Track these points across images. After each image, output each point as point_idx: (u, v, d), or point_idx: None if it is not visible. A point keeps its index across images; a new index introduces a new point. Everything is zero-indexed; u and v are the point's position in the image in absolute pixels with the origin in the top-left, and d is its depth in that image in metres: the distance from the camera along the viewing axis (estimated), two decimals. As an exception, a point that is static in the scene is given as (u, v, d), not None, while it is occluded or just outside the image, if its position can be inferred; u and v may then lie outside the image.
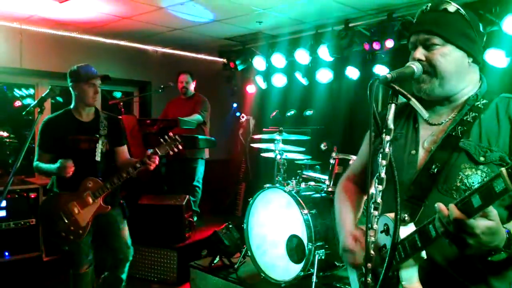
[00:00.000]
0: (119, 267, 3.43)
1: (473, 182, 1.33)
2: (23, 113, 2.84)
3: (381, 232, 1.46)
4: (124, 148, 3.45)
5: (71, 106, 3.28)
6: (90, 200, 3.14)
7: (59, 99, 5.82)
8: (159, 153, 3.16)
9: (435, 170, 1.39)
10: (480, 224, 1.11)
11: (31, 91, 5.81)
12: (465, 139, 1.39)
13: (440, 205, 1.16)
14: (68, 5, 4.32)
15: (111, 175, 3.17)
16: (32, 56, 5.22)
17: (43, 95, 2.74)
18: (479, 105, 1.43)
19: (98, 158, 3.19)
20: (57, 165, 3.03)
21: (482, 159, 1.34)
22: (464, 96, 1.49)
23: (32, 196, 4.67)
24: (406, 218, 1.39)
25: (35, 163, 3.20)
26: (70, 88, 3.23)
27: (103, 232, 3.35)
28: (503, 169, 1.02)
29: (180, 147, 3.22)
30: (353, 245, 1.53)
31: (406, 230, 1.38)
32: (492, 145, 1.35)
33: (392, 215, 1.42)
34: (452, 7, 1.44)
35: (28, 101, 6.06)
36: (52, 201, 3.24)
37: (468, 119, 1.42)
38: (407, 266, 1.38)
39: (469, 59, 1.45)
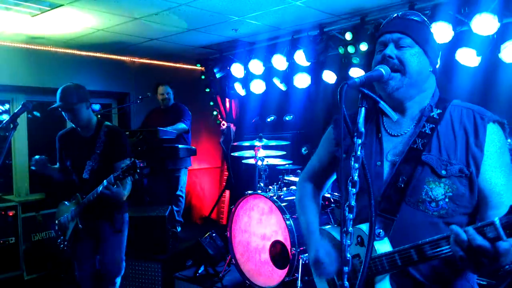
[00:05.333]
0: (102, 283, 3.37)
1: (437, 194, 1.40)
2: (-4, 131, 2.78)
3: (356, 244, 1.50)
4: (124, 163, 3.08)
5: None
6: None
7: (36, 113, 5.74)
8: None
9: (402, 184, 1.44)
10: (501, 248, 1.12)
11: (7, 106, 5.71)
12: (426, 152, 1.45)
13: (456, 229, 1.17)
14: (40, 19, 4.27)
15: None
16: (5, 71, 5.13)
17: (15, 111, 2.72)
18: (434, 116, 1.50)
19: (86, 175, 3.17)
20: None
21: (444, 172, 1.41)
22: (420, 105, 1.55)
23: (10, 214, 4.56)
24: (380, 233, 1.44)
25: None
26: None
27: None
28: None
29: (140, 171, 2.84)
30: (325, 257, 1.57)
31: (381, 246, 1.43)
32: (451, 158, 1.43)
33: (364, 226, 1.47)
34: (420, 18, 1.55)
35: (4, 117, 5.95)
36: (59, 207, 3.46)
37: (426, 131, 1.48)
38: (381, 277, 1.43)
39: (430, 67, 1.53)
